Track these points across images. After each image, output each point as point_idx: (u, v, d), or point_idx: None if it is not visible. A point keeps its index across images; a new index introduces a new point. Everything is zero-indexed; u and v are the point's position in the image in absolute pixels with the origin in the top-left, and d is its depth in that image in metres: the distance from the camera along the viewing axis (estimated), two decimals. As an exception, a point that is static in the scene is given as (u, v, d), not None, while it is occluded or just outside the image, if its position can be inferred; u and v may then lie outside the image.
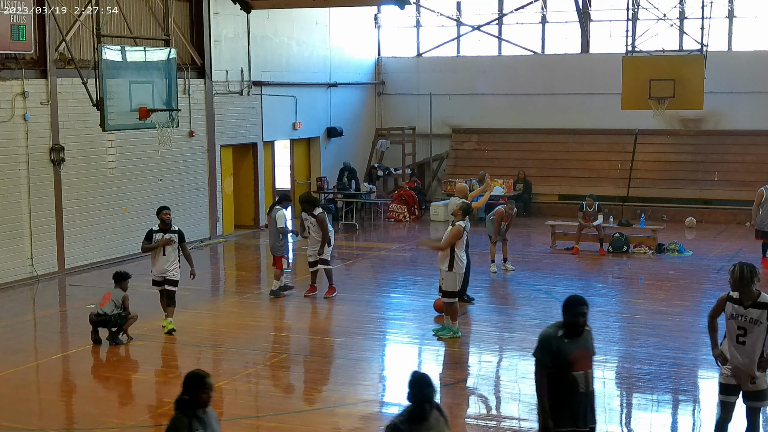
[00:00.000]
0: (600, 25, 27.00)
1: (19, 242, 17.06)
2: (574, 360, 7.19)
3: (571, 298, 7.34)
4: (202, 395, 6.17)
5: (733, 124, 25.41)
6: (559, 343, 7.19)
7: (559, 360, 7.16)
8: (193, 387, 6.17)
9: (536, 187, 26.04)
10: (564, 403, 7.21)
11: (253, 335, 13.67)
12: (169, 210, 13.35)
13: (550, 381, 7.20)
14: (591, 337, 7.46)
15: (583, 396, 7.25)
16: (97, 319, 12.79)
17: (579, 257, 19.66)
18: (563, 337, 7.22)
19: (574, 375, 7.18)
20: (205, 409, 6.22)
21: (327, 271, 15.66)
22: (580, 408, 7.25)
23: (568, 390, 7.20)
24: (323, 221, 15.41)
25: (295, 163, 25.85)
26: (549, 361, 7.18)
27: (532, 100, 27.07)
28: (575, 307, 7.23)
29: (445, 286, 12.95)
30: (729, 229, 23.42)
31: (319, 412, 10.34)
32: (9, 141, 16.78)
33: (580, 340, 7.27)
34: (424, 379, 6.13)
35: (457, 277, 12.87)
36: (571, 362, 7.17)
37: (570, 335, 7.23)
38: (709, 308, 8.92)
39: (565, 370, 7.17)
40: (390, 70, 28.82)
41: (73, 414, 10.75)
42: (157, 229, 13.24)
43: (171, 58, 15.11)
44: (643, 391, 11.09)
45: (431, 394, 6.09)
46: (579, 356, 7.23)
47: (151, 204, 19.61)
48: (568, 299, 7.33)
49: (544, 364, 7.22)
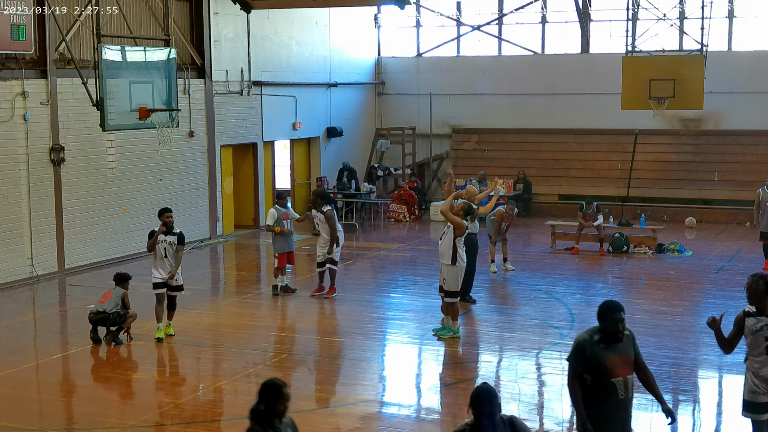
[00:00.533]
0: (600, 25, 27.01)
1: (19, 242, 17.06)
2: (611, 366, 6.89)
3: (606, 304, 7.02)
4: (278, 406, 5.90)
5: (733, 124, 25.41)
6: (593, 349, 6.91)
7: (594, 366, 6.89)
8: (269, 397, 5.89)
9: (536, 187, 26.04)
10: (602, 411, 6.93)
11: (253, 335, 13.67)
12: (171, 213, 13.13)
13: (587, 387, 6.93)
14: (632, 341, 7.13)
15: (623, 403, 6.96)
16: (96, 317, 12.79)
17: (579, 257, 19.66)
18: (599, 342, 6.93)
19: (612, 381, 6.88)
20: (281, 419, 5.95)
21: (332, 271, 15.65)
22: (619, 415, 6.97)
23: (607, 397, 6.91)
24: (331, 218, 15.38)
25: (295, 163, 25.85)
26: (580, 367, 6.92)
27: (532, 100, 27.07)
28: (612, 313, 6.92)
29: (448, 285, 12.93)
30: (729, 229, 23.42)
31: (319, 412, 10.33)
32: (9, 141, 16.78)
33: (618, 346, 6.96)
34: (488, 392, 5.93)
35: (459, 272, 12.85)
36: (607, 368, 6.88)
37: (607, 341, 6.93)
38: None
39: (602, 377, 6.88)
40: (390, 70, 28.82)
41: (73, 414, 10.75)
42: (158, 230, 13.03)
43: (171, 58, 15.11)
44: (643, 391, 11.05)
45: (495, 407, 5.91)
46: (616, 362, 6.92)
47: (151, 204, 19.65)
48: (603, 305, 7.01)
49: (575, 370, 6.98)
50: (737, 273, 17.86)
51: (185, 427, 9.91)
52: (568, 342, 12.99)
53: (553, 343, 12.99)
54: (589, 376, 6.91)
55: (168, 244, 12.93)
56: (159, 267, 13.00)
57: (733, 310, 14.51)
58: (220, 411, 10.44)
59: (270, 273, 16.61)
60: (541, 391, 11.19)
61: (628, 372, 6.98)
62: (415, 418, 10.29)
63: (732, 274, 17.79)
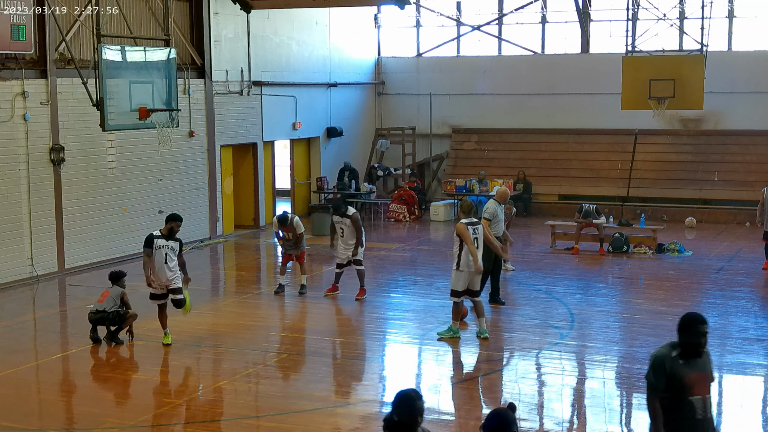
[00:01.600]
0: (600, 25, 27.01)
1: (19, 242, 17.06)
2: (690, 383, 6.48)
3: (690, 316, 6.56)
4: (418, 419, 5.51)
5: (733, 124, 25.41)
6: (673, 365, 6.48)
7: (674, 383, 6.48)
8: (404, 409, 5.54)
9: (536, 187, 26.04)
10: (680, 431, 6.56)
11: (253, 335, 13.66)
12: (181, 222, 12.71)
13: (664, 406, 6.54)
14: (710, 359, 6.71)
15: (701, 423, 6.55)
16: (95, 317, 12.77)
17: (579, 257, 19.66)
18: (678, 357, 6.51)
19: (691, 400, 6.48)
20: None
21: (360, 272, 15.59)
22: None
23: (685, 416, 6.51)
24: (357, 221, 15.41)
25: (295, 163, 25.86)
26: (662, 384, 6.50)
27: (532, 100, 27.07)
28: (696, 326, 6.48)
29: (451, 284, 13.02)
30: (729, 229, 23.41)
31: (319, 412, 10.33)
32: (9, 141, 16.78)
33: (698, 362, 6.55)
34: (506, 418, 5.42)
35: (462, 276, 12.87)
36: (687, 386, 6.47)
37: (686, 356, 6.52)
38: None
39: (680, 395, 6.48)
40: (390, 70, 28.82)
41: (73, 414, 10.75)
42: (158, 234, 12.57)
43: (171, 58, 15.12)
44: (643, 391, 11.02)
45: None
46: (696, 379, 6.50)
47: (151, 204, 19.68)
48: (686, 317, 6.56)
49: (656, 388, 6.54)
50: (737, 273, 17.87)
51: (185, 427, 9.91)
52: (568, 342, 13.02)
53: (553, 343, 12.99)
54: (668, 394, 6.53)
55: (170, 250, 12.52)
56: (158, 271, 12.51)
57: (733, 310, 14.60)
58: (220, 411, 10.44)
59: (270, 273, 16.60)
60: (541, 391, 11.19)
61: (707, 390, 6.59)
62: (415, 418, 10.26)
63: (732, 274, 17.80)
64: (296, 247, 15.84)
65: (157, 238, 12.54)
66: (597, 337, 13.42)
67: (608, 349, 12.76)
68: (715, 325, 13.17)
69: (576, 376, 11.96)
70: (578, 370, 12.15)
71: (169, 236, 12.58)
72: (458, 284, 12.88)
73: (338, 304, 15.39)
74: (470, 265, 12.79)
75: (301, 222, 15.87)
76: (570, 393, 11.18)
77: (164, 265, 12.53)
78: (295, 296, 15.83)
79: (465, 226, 12.74)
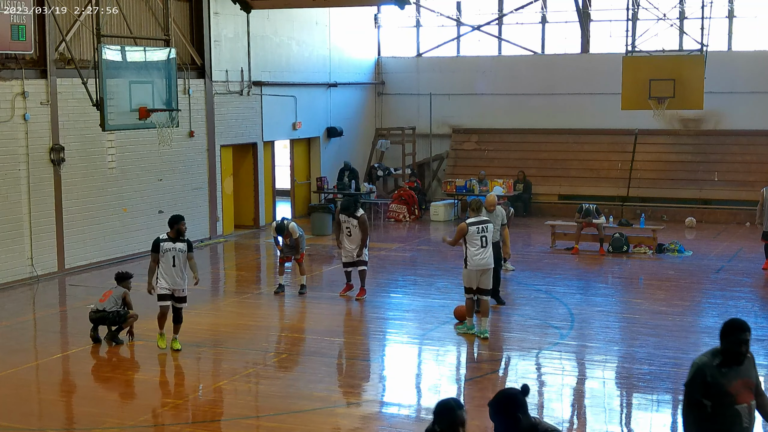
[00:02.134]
0: (600, 25, 27.01)
1: (19, 242, 17.06)
2: (734, 392, 6.28)
3: (730, 322, 6.34)
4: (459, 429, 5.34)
5: (733, 124, 25.41)
6: (714, 373, 6.27)
7: (716, 392, 6.26)
8: (445, 419, 5.36)
9: (536, 187, 26.04)
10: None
11: (253, 335, 13.66)
12: (184, 221, 12.53)
13: (707, 415, 6.31)
14: (754, 364, 6.48)
15: (747, 431, 6.34)
16: (96, 316, 12.77)
17: (579, 257, 19.66)
18: (720, 366, 6.30)
19: (736, 408, 6.28)
20: None
21: (362, 272, 15.59)
22: None
23: (730, 426, 6.30)
24: (365, 223, 15.47)
25: (295, 163, 25.85)
26: (699, 394, 6.30)
27: (532, 100, 27.07)
28: (738, 333, 6.27)
29: (463, 282, 13.16)
30: (729, 229, 23.41)
31: (319, 412, 10.33)
32: (9, 141, 16.78)
33: (741, 369, 6.33)
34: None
35: (470, 273, 12.94)
36: (730, 394, 6.26)
37: (728, 364, 6.30)
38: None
39: (724, 404, 6.27)
40: (390, 70, 28.82)
41: (73, 414, 10.75)
42: (165, 237, 12.39)
43: (171, 58, 15.10)
44: (643, 391, 11.09)
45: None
46: (739, 387, 6.31)
47: (151, 204, 19.68)
48: (728, 324, 6.34)
49: (692, 397, 6.36)
50: (737, 273, 17.87)
51: (185, 427, 9.91)
52: (568, 342, 13.02)
53: (553, 343, 12.99)
54: (709, 402, 6.32)
55: (177, 252, 12.33)
56: (166, 274, 12.35)
57: (733, 310, 14.60)
58: (220, 411, 10.44)
59: (270, 273, 16.61)
60: (541, 391, 11.18)
61: (751, 398, 6.39)
62: (415, 418, 10.28)
63: (732, 274, 17.80)
64: (296, 251, 15.88)
65: (163, 242, 12.36)
66: (597, 337, 13.42)
67: (608, 349, 12.76)
68: (715, 325, 13.16)
69: (576, 376, 11.96)
70: (578, 370, 12.15)
71: (176, 238, 12.39)
72: (468, 282, 13.04)
73: (338, 304, 15.39)
74: (478, 263, 12.84)
75: (296, 226, 15.89)
76: (570, 393, 11.18)
77: (172, 269, 12.36)
78: (295, 296, 15.84)
79: (466, 225, 12.83)
